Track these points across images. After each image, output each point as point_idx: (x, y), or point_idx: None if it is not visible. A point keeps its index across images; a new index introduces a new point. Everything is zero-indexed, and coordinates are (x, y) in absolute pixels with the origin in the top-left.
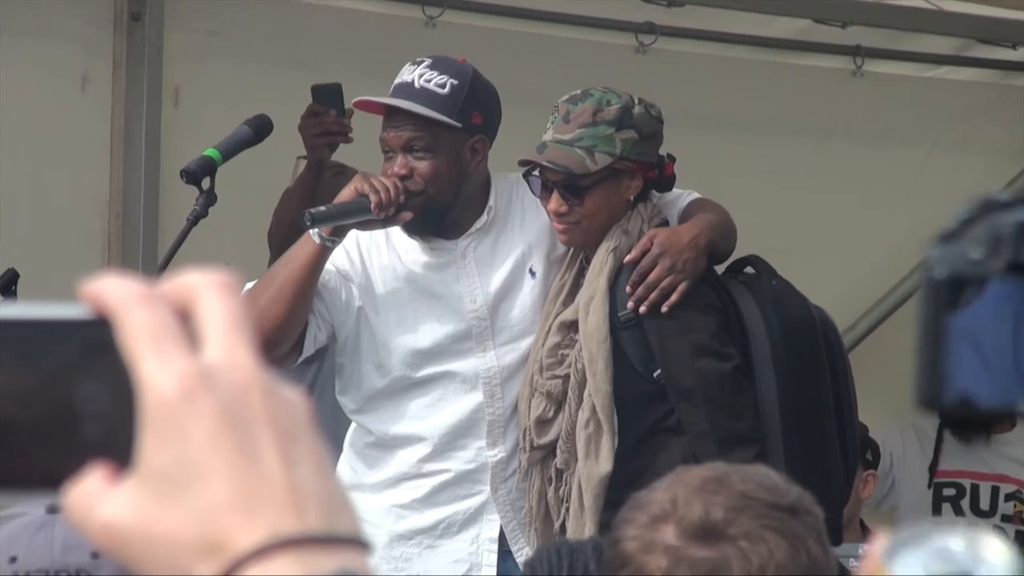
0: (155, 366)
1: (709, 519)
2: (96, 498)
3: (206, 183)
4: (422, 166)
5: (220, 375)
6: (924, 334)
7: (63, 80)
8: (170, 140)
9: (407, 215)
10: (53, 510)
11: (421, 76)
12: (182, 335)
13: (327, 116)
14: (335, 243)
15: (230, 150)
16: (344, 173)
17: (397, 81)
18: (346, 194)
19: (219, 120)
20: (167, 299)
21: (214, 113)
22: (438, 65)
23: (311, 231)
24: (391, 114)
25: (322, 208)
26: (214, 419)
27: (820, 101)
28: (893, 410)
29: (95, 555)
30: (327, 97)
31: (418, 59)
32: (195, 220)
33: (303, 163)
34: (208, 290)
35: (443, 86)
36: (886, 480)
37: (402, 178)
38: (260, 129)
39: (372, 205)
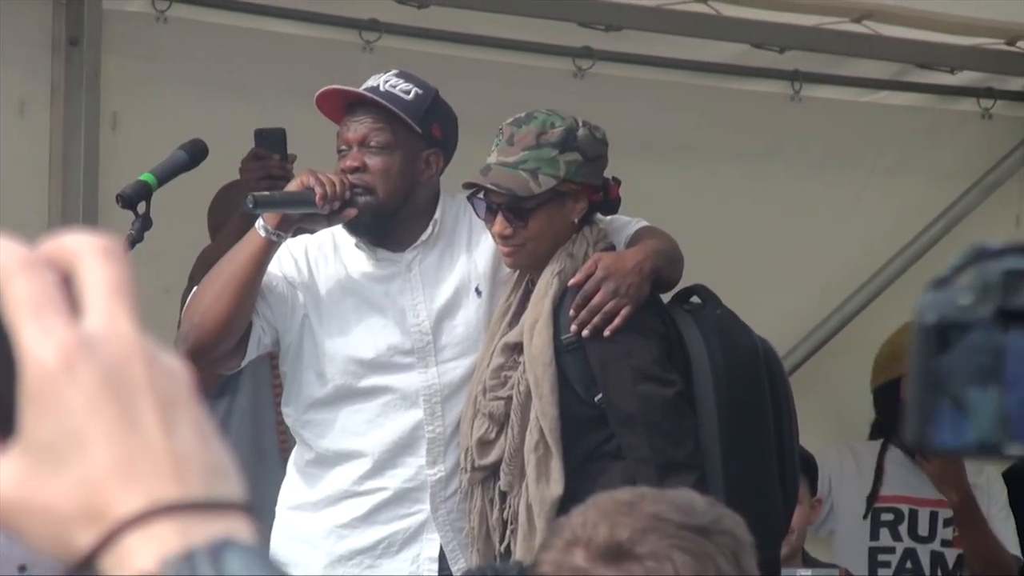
0: (35, 336)
1: (614, 540)
2: None
3: (142, 207)
4: (376, 161)
5: (100, 343)
6: (915, 378)
7: (1, 104)
8: (108, 165)
9: (351, 212)
10: None
11: (387, 82)
12: (63, 303)
13: (270, 160)
14: (281, 238)
15: (166, 175)
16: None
17: (363, 86)
18: (292, 186)
19: (158, 145)
20: (50, 262)
21: (153, 138)
22: (404, 76)
23: (257, 225)
24: (351, 111)
25: (265, 193)
26: (93, 388)
27: (758, 125)
28: (831, 434)
29: None
30: (270, 141)
31: (385, 69)
32: (132, 244)
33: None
34: (90, 255)
35: (408, 92)
36: (824, 504)
37: (353, 171)
38: (195, 154)
39: (317, 197)
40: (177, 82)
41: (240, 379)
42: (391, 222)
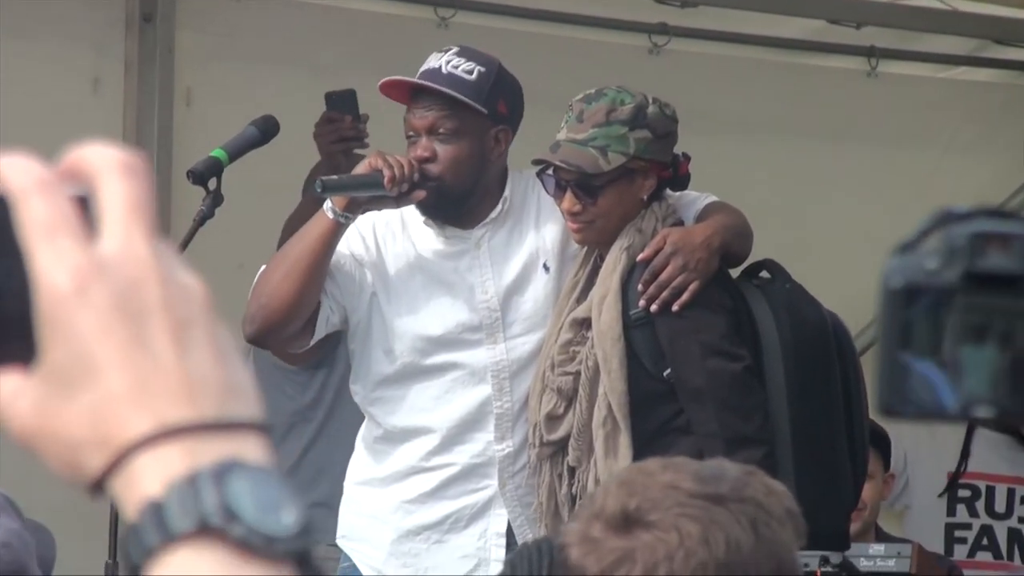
0: (49, 260)
1: (623, 509)
2: (7, 396)
3: (212, 184)
4: (445, 149)
5: (113, 266)
6: (882, 343)
7: (75, 81)
8: (182, 141)
9: (420, 194)
10: None
11: (449, 63)
12: (79, 224)
13: (342, 122)
14: (348, 219)
15: (237, 151)
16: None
17: (424, 67)
18: (361, 169)
19: (231, 121)
20: (71, 176)
21: (226, 114)
22: (465, 53)
23: (325, 207)
24: (416, 98)
25: (334, 177)
26: (106, 311)
27: (834, 102)
28: None
29: None
30: (341, 103)
31: (445, 47)
32: (201, 221)
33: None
34: (110, 172)
35: (471, 72)
36: (899, 479)
37: (424, 160)
38: (267, 130)
39: (385, 180)
40: (251, 59)
41: (338, 351)
42: (462, 203)
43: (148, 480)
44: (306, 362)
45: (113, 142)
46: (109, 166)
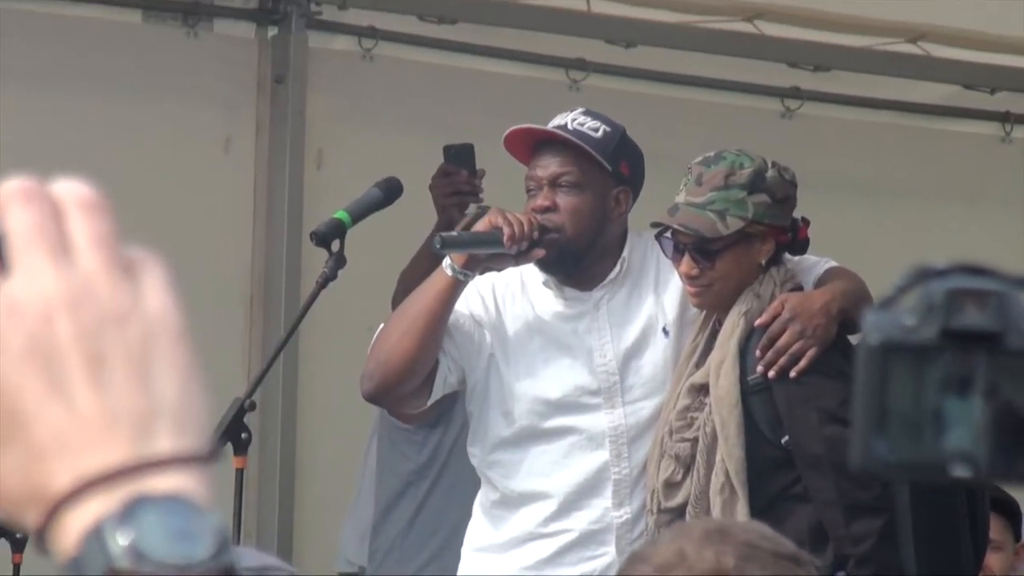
0: None
1: (721, 566)
2: None
3: (336, 245)
4: (566, 200)
5: (20, 307)
6: (861, 399)
7: (207, 142)
8: (312, 202)
9: (540, 252)
10: None
11: (575, 120)
12: None
13: (458, 176)
14: (468, 277)
15: (360, 212)
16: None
17: (550, 124)
18: (480, 226)
19: (362, 182)
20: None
21: (357, 175)
22: (591, 114)
23: (444, 264)
24: (540, 151)
25: (453, 233)
26: (19, 358)
27: (967, 167)
28: None
29: None
30: (459, 157)
31: (571, 108)
32: (324, 283)
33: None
34: (10, 203)
35: (596, 130)
36: None
37: (544, 210)
38: (390, 191)
39: (504, 238)
40: (382, 120)
41: (454, 411)
42: (580, 261)
43: (69, 536)
44: (422, 421)
45: (243, 202)
46: (9, 196)
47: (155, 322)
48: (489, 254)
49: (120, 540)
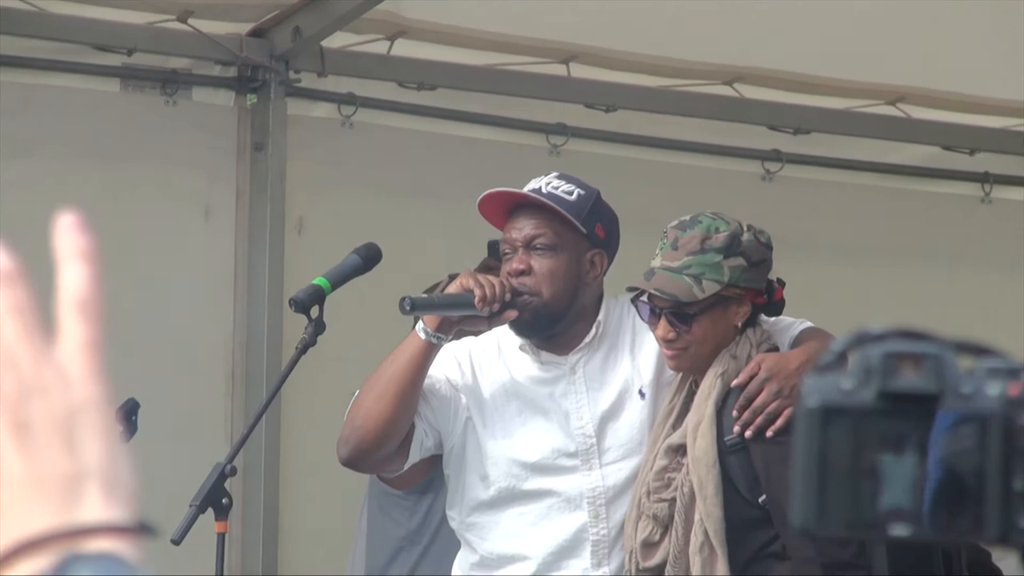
0: None
1: None
2: None
3: (315, 312)
4: (541, 263)
5: None
6: (800, 461)
7: (187, 209)
8: (293, 268)
9: (512, 314)
10: None
11: (548, 184)
12: None
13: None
14: (441, 340)
15: (339, 279)
16: None
17: (524, 189)
18: (451, 289)
19: (343, 249)
20: None
21: (338, 242)
22: (565, 177)
23: (417, 328)
24: (515, 214)
25: (423, 295)
26: None
27: (947, 228)
28: None
29: None
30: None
31: (545, 172)
32: (304, 348)
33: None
34: None
35: (570, 193)
36: None
37: (519, 274)
38: (369, 258)
39: (476, 299)
40: (362, 185)
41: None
42: (556, 323)
43: None
44: (411, 487)
45: (224, 269)
46: None
47: (77, 392)
48: (461, 316)
49: None
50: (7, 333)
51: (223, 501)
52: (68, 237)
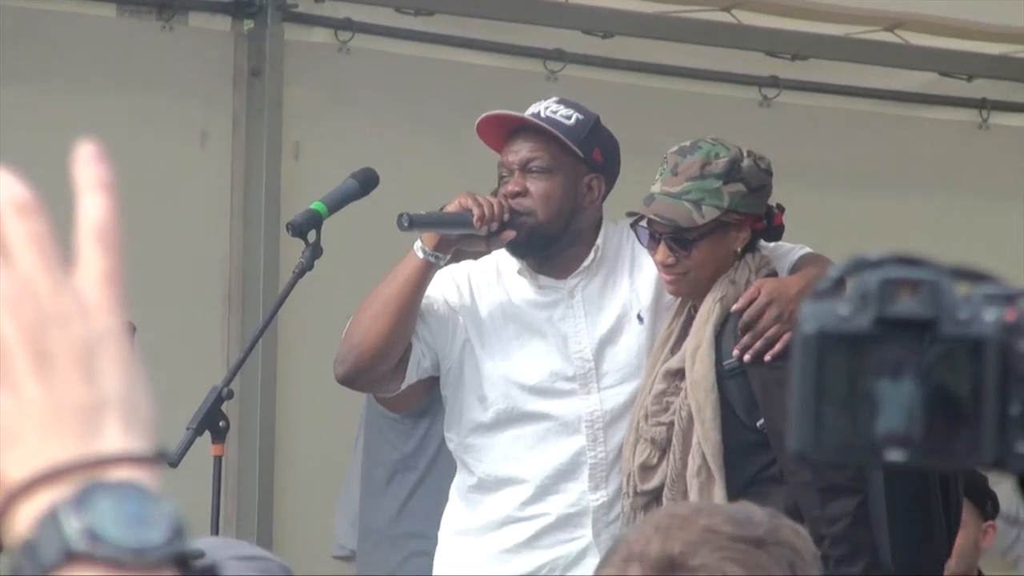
0: None
1: (666, 554)
2: None
3: (312, 236)
4: (537, 185)
5: None
6: (797, 388)
7: (183, 135)
8: (290, 194)
9: (510, 234)
10: None
11: (547, 108)
12: None
13: None
14: (439, 259)
15: (336, 203)
16: None
17: (524, 113)
18: (450, 208)
19: (339, 174)
20: None
21: (335, 167)
22: (565, 102)
23: (415, 247)
24: (512, 138)
25: (422, 213)
26: None
27: (944, 154)
28: None
29: None
30: None
31: (546, 97)
32: (301, 272)
33: None
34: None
35: (568, 118)
36: (1012, 529)
37: (514, 195)
38: (366, 182)
39: (474, 219)
40: (359, 111)
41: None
42: (552, 246)
43: (22, 522)
44: (408, 410)
45: (220, 195)
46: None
47: (96, 322)
48: (460, 236)
49: (76, 523)
50: (26, 263)
51: (220, 424)
52: (87, 167)
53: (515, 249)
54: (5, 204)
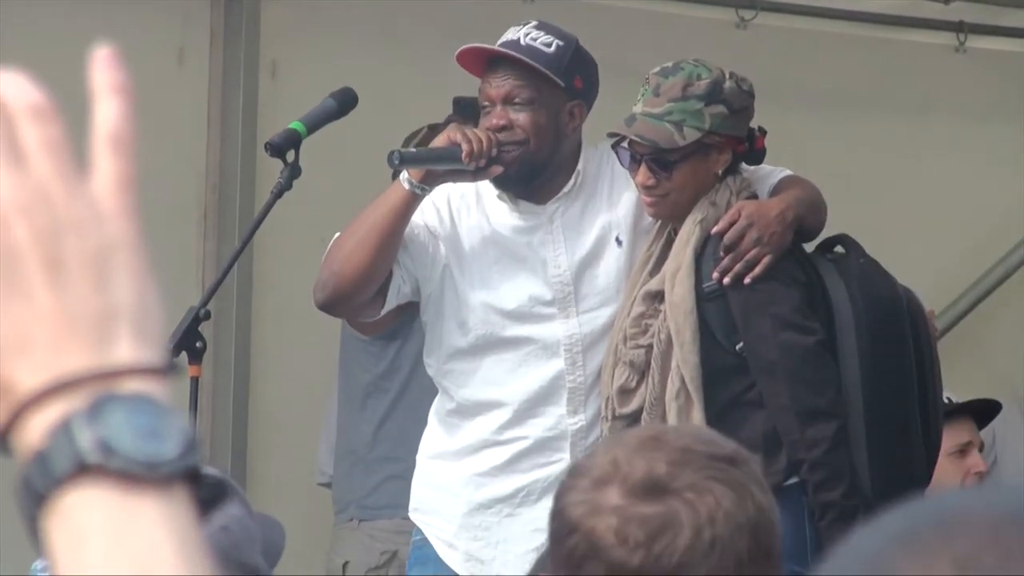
0: None
1: (652, 475)
2: None
3: (291, 156)
4: (521, 117)
5: None
6: None
7: (160, 52)
8: (267, 113)
9: (497, 169)
10: None
11: (527, 35)
12: None
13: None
14: (424, 191)
15: (315, 123)
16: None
17: (502, 39)
18: (438, 142)
19: (317, 93)
20: None
21: (312, 86)
22: (544, 27)
23: (401, 178)
24: (493, 68)
25: (411, 150)
26: None
27: (922, 77)
28: (997, 388)
29: None
30: (468, 110)
31: (524, 21)
32: (279, 193)
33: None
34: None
35: (549, 45)
36: (987, 457)
37: (499, 129)
38: (345, 102)
39: (463, 154)
40: (337, 31)
41: (414, 324)
42: (537, 177)
43: (34, 433)
44: (378, 332)
45: (197, 113)
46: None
47: (110, 229)
48: (447, 170)
49: (89, 435)
50: (40, 169)
51: (197, 345)
52: (102, 72)
53: (502, 183)
54: (22, 108)
